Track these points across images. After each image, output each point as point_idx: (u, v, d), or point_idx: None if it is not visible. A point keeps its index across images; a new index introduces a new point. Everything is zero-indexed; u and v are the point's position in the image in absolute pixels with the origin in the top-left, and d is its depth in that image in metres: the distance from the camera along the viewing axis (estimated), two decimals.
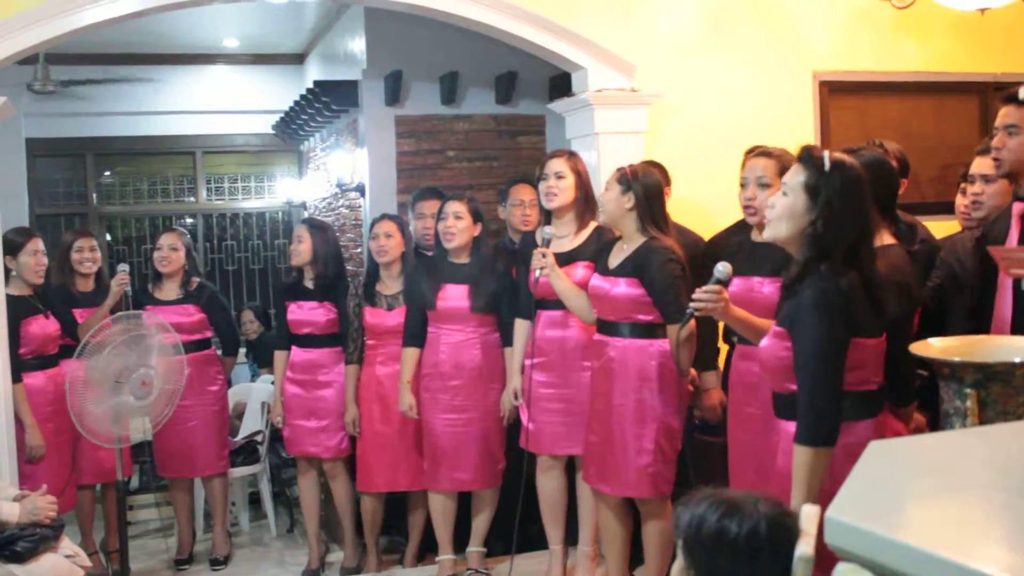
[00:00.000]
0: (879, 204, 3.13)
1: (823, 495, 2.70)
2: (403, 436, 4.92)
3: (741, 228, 3.94)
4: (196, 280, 5.58)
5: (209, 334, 5.60)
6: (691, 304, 3.25)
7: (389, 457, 5.00)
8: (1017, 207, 3.24)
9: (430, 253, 5.03)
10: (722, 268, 3.27)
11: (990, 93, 5.83)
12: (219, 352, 5.74)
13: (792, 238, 2.87)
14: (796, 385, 2.78)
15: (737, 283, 3.56)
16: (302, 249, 5.21)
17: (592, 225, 4.50)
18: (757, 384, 3.54)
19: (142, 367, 4.58)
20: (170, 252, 5.47)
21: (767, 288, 3.57)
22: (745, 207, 3.66)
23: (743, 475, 3.61)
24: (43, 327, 5.04)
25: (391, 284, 5.02)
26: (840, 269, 2.76)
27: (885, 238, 3.23)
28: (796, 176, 2.86)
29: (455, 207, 4.73)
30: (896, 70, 5.70)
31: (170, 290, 5.51)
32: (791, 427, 2.83)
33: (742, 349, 3.69)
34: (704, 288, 3.23)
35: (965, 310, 3.44)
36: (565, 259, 4.37)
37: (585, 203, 4.48)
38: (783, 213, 2.88)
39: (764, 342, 2.96)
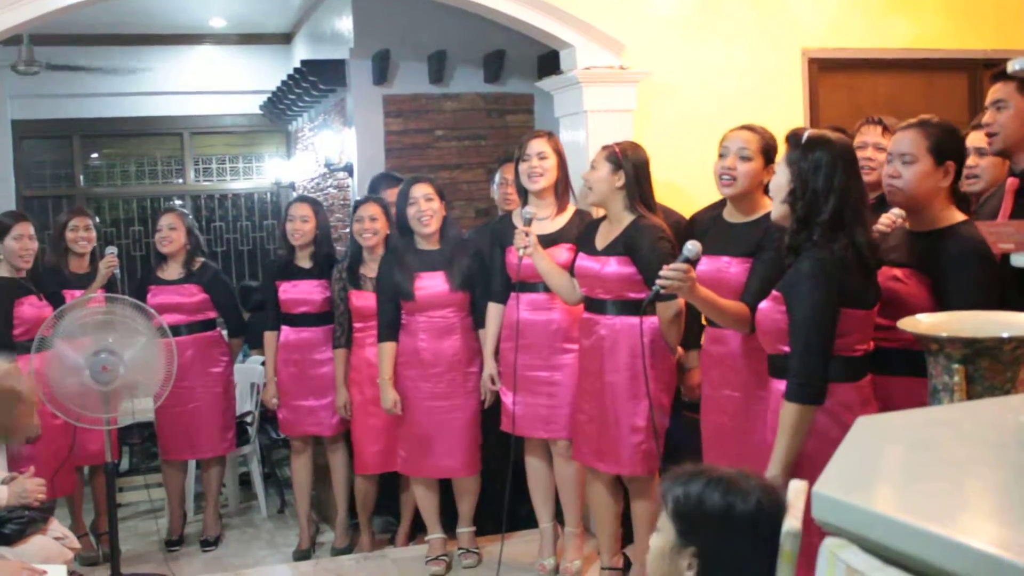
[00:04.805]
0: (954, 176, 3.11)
1: (806, 452, 2.87)
2: (395, 416, 4.90)
3: (720, 205, 3.92)
4: (200, 260, 5.54)
5: (213, 315, 5.55)
6: (657, 281, 3.25)
7: (383, 438, 4.99)
8: (1011, 182, 3.22)
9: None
10: (691, 246, 3.27)
11: (980, 70, 5.83)
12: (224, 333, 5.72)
13: (783, 212, 3.01)
14: (788, 347, 2.94)
15: (706, 262, 3.54)
16: (308, 228, 5.21)
17: (571, 208, 4.49)
18: (731, 366, 3.55)
19: (104, 352, 4.56)
20: (169, 232, 5.43)
21: (734, 268, 3.55)
22: (721, 175, 3.62)
23: (717, 457, 3.61)
24: (37, 308, 5.00)
25: (375, 267, 4.99)
26: (830, 235, 2.90)
27: (957, 213, 3.16)
28: (781, 155, 3.02)
29: (424, 190, 4.69)
30: (886, 47, 5.69)
31: (173, 270, 5.47)
32: (782, 386, 2.98)
33: (712, 332, 3.68)
34: (671, 266, 3.24)
35: None
36: (547, 241, 4.35)
37: (564, 184, 4.48)
38: (773, 190, 3.04)
39: (763, 306, 3.08)
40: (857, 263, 2.93)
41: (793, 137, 3.01)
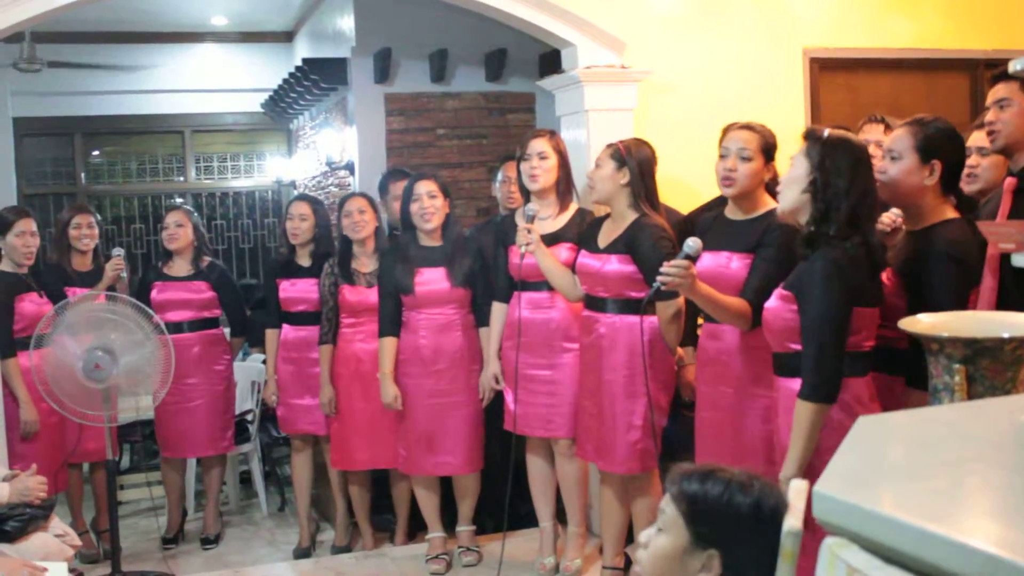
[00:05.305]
0: (945, 175, 3.15)
1: (821, 446, 2.90)
2: (384, 413, 4.87)
3: (718, 203, 3.92)
4: (207, 258, 5.57)
5: (218, 313, 5.58)
6: (658, 278, 3.26)
7: (371, 434, 4.99)
8: (1009, 182, 3.23)
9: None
10: (692, 243, 3.28)
11: (981, 70, 5.82)
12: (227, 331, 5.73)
13: (800, 203, 3.03)
14: (799, 345, 2.98)
15: (707, 258, 3.54)
16: (306, 227, 5.22)
17: (573, 207, 4.49)
18: (726, 362, 3.55)
19: (99, 350, 4.57)
20: (176, 229, 5.45)
21: (735, 264, 3.55)
22: (724, 178, 3.63)
23: (710, 453, 3.62)
24: (38, 305, 5.01)
25: (367, 262, 5.00)
26: (845, 232, 2.94)
27: (947, 212, 3.20)
28: (799, 149, 3.07)
29: (427, 186, 4.69)
30: (887, 47, 5.69)
31: (181, 267, 5.49)
32: (790, 384, 3.03)
33: (709, 328, 3.68)
34: (672, 262, 3.25)
35: None
36: (548, 240, 4.35)
37: (566, 183, 4.48)
38: (787, 182, 3.08)
39: (771, 304, 3.10)
40: (867, 262, 2.97)
41: (813, 133, 3.06)
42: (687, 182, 4.99)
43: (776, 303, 3.07)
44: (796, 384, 2.99)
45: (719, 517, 1.98)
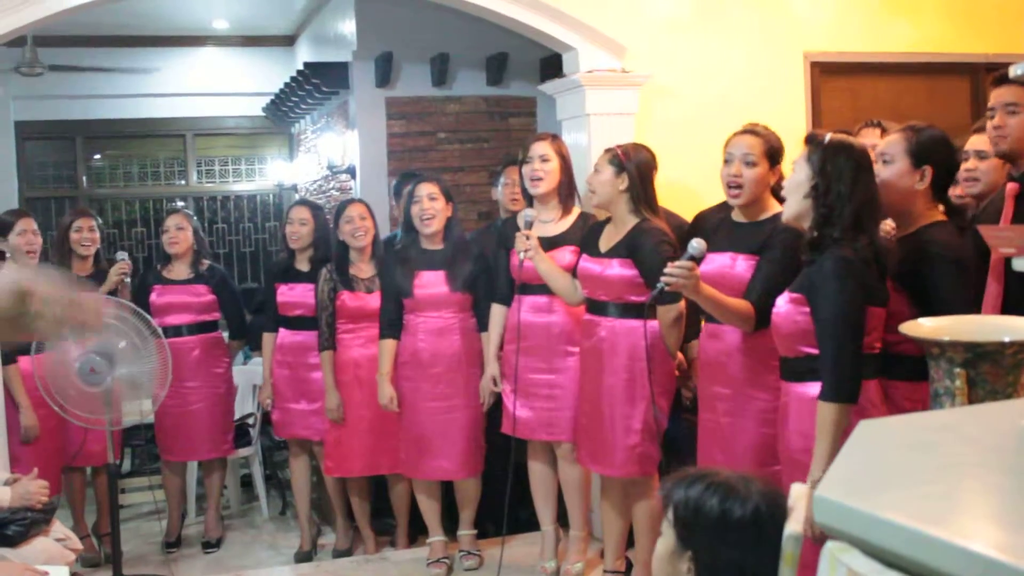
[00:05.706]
0: (936, 181, 3.19)
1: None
2: (383, 419, 4.88)
3: (726, 206, 3.93)
4: (207, 262, 5.58)
5: (218, 316, 5.59)
6: (662, 278, 3.27)
7: (368, 440, 4.98)
8: (1011, 187, 3.24)
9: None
10: (696, 244, 3.28)
11: (982, 74, 5.82)
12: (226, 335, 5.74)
13: (803, 208, 3.03)
14: (813, 348, 2.98)
15: (712, 259, 3.55)
16: (305, 232, 5.22)
17: (576, 211, 4.49)
18: (724, 363, 3.55)
19: (97, 354, 4.58)
20: (177, 232, 5.46)
21: (740, 265, 3.55)
22: (728, 184, 3.62)
23: (710, 455, 3.62)
24: None
25: (365, 268, 5.00)
26: (852, 235, 2.94)
27: (936, 216, 3.22)
28: (800, 154, 3.08)
29: (428, 189, 4.70)
30: (888, 51, 5.69)
31: (180, 270, 5.50)
32: (801, 389, 3.03)
33: (709, 328, 3.68)
34: (676, 263, 3.25)
35: None
36: (551, 244, 4.35)
37: (569, 187, 4.48)
38: (790, 187, 3.09)
39: (780, 308, 3.09)
40: (876, 262, 2.98)
41: (815, 138, 3.06)
42: (689, 186, 4.99)
43: (787, 307, 3.06)
44: (807, 388, 2.99)
45: (691, 520, 2.03)
